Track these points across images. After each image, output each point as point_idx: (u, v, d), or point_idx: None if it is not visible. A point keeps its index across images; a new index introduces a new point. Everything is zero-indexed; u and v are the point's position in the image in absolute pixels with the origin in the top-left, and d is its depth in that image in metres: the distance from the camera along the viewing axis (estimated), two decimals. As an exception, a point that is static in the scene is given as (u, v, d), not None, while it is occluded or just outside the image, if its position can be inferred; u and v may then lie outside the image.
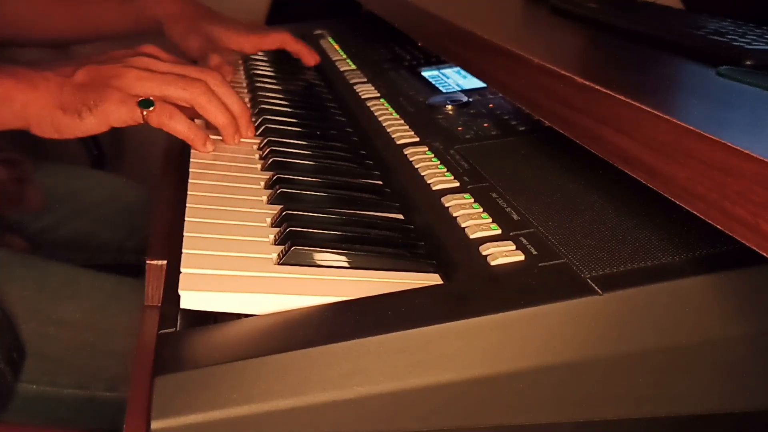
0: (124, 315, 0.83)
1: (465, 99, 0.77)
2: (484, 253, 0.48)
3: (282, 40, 0.99)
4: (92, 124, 0.63)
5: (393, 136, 0.71)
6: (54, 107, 0.63)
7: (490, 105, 0.76)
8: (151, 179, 1.01)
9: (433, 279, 0.50)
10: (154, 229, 0.63)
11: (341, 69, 0.97)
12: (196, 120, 0.70)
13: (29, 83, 0.63)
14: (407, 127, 0.72)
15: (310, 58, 1.00)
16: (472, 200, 0.55)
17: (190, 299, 0.45)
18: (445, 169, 0.61)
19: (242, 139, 0.71)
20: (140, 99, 0.64)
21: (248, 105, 0.83)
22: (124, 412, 0.46)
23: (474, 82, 0.83)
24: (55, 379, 0.79)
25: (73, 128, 0.64)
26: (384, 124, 0.74)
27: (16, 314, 0.78)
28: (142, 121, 0.64)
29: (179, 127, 0.66)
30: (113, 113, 0.63)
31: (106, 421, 0.82)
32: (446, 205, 0.55)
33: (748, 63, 0.55)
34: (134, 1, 1.02)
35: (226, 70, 0.80)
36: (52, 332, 0.80)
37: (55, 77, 0.64)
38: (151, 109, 0.64)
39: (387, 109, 0.78)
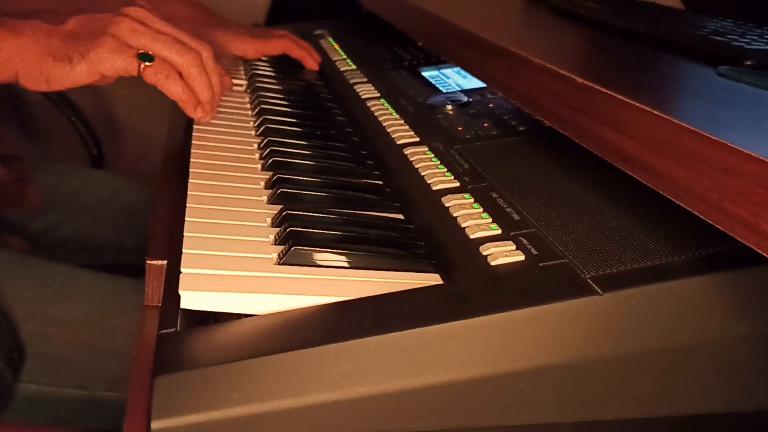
0: (124, 315, 0.83)
1: (465, 99, 0.77)
2: (484, 253, 0.48)
3: (284, 46, 0.99)
4: (83, 71, 0.61)
5: (393, 136, 0.71)
6: (43, 54, 0.60)
7: (491, 105, 0.76)
8: (151, 179, 1.01)
9: (434, 279, 0.50)
10: (154, 229, 0.63)
11: (341, 69, 0.97)
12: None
13: (15, 31, 0.61)
14: (407, 127, 0.72)
15: (313, 63, 1.00)
16: (473, 200, 0.55)
17: (190, 299, 0.45)
18: (446, 169, 0.61)
19: (242, 138, 0.71)
20: (139, 52, 0.62)
21: (249, 105, 0.83)
22: (123, 412, 0.46)
23: (474, 82, 0.83)
24: (55, 379, 0.79)
25: (64, 77, 0.61)
26: (384, 124, 0.74)
27: (16, 314, 0.78)
28: (135, 74, 0.62)
29: (174, 88, 0.64)
30: (107, 61, 0.61)
31: (106, 422, 0.82)
32: (446, 205, 0.55)
33: (748, 63, 0.55)
34: (93, 4, 1.01)
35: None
36: (52, 332, 0.80)
37: (44, 25, 0.62)
38: (150, 64, 0.62)
39: (387, 109, 0.78)
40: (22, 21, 0.62)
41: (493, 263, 0.47)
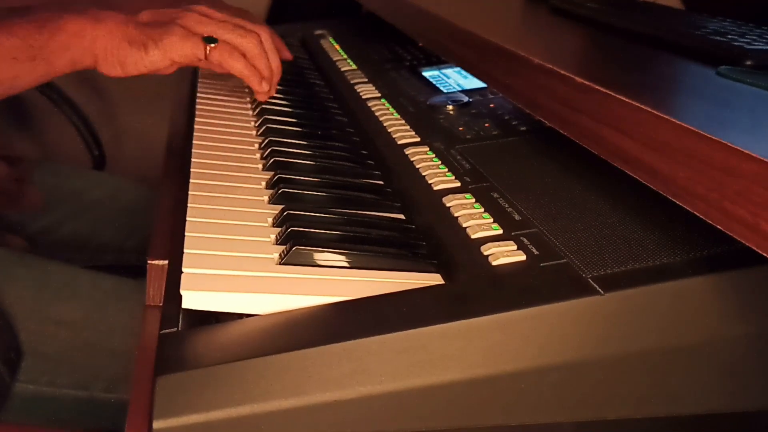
0: (124, 315, 0.83)
1: (466, 99, 0.77)
2: (485, 253, 0.48)
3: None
4: (157, 57, 0.66)
5: (394, 136, 0.71)
6: (121, 40, 0.66)
7: (491, 105, 0.76)
8: (152, 180, 1.01)
9: (435, 279, 0.50)
10: (155, 229, 0.63)
11: (342, 69, 0.97)
12: None
13: (97, 19, 0.66)
14: (408, 127, 0.72)
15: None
16: (474, 200, 0.55)
17: (191, 299, 0.45)
18: (446, 169, 0.61)
19: (243, 138, 0.71)
20: (204, 36, 0.67)
21: (250, 105, 0.83)
22: (122, 412, 0.46)
23: (475, 82, 0.83)
24: (54, 379, 0.79)
25: (138, 62, 0.66)
26: (385, 124, 0.74)
27: (16, 314, 0.78)
28: (203, 57, 0.68)
29: (238, 65, 0.69)
30: (177, 47, 0.66)
31: (105, 422, 0.82)
32: (447, 205, 0.55)
33: (748, 63, 0.55)
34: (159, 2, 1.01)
35: (286, 54, 0.86)
36: (51, 332, 0.80)
37: (120, 15, 0.68)
38: (214, 45, 0.67)
39: (388, 109, 0.78)
40: (101, 10, 0.67)
41: (494, 263, 0.47)
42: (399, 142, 0.69)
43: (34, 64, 0.64)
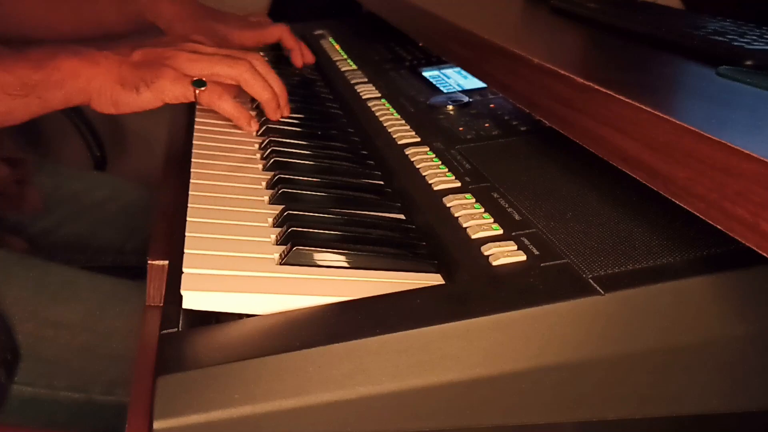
0: (122, 317, 0.83)
1: (466, 99, 0.78)
2: (485, 253, 0.48)
3: (280, 33, 1.01)
4: (148, 99, 0.68)
5: (394, 136, 0.71)
6: (114, 82, 0.68)
7: (491, 105, 0.76)
8: (153, 181, 1.01)
9: (435, 279, 0.50)
10: (155, 229, 0.63)
11: (342, 69, 0.97)
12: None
13: (92, 60, 0.68)
14: (408, 127, 0.72)
15: (299, 59, 1.02)
16: (474, 200, 0.55)
17: (192, 299, 0.45)
18: (447, 170, 0.61)
19: (243, 138, 0.72)
20: (194, 79, 0.69)
21: (250, 105, 0.83)
22: (121, 415, 0.46)
23: (475, 82, 0.83)
24: (52, 382, 0.79)
25: (130, 103, 0.69)
26: (385, 125, 0.74)
27: (14, 315, 0.78)
28: (193, 99, 0.69)
29: (226, 106, 0.71)
30: (168, 90, 0.68)
31: (103, 425, 0.82)
32: (448, 205, 0.55)
33: (748, 63, 0.55)
34: (134, 1, 1.02)
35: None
36: (50, 334, 0.80)
37: (115, 56, 0.69)
38: (203, 89, 0.69)
39: (388, 110, 0.78)
40: (96, 51, 0.69)
41: (494, 263, 0.47)
42: (399, 142, 0.69)
43: (27, 100, 0.66)
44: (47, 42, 0.70)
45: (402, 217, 0.60)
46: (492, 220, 0.52)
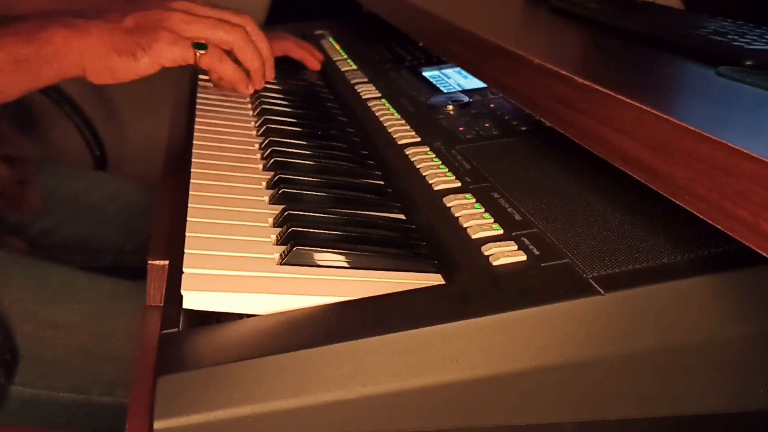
0: (122, 318, 0.83)
1: (466, 99, 0.78)
2: (486, 253, 0.48)
3: (285, 48, 0.99)
4: (146, 64, 0.67)
5: (394, 136, 0.71)
6: (109, 51, 0.66)
7: (491, 105, 0.76)
8: (154, 181, 1.01)
9: (435, 279, 0.50)
10: (155, 229, 0.63)
11: (342, 69, 0.97)
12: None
13: (83, 31, 0.66)
14: (408, 127, 0.72)
15: (315, 63, 1.00)
16: (474, 200, 0.56)
17: (192, 299, 0.45)
18: (447, 169, 0.61)
19: (244, 138, 0.72)
20: (194, 42, 0.68)
21: (250, 105, 0.83)
22: (120, 416, 0.46)
23: (475, 82, 0.83)
24: (51, 383, 0.79)
25: (128, 70, 0.67)
26: (385, 125, 0.74)
27: (13, 316, 0.78)
28: (193, 62, 0.68)
29: (228, 68, 0.72)
30: (167, 53, 0.67)
31: (103, 425, 0.82)
32: (448, 205, 0.55)
33: (748, 63, 0.55)
34: (138, 3, 1.02)
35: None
36: (49, 335, 0.80)
37: (105, 24, 0.67)
38: (204, 51, 0.69)
39: (388, 109, 0.78)
40: (85, 20, 0.67)
41: (494, 263, 0.47)
42: (399, 142, 0.69)
43: (19, 76, 0.64)
44: (35, 15, 0.67)
45: (402, 217, 0.60)
46: (492, 220, 0.52)
